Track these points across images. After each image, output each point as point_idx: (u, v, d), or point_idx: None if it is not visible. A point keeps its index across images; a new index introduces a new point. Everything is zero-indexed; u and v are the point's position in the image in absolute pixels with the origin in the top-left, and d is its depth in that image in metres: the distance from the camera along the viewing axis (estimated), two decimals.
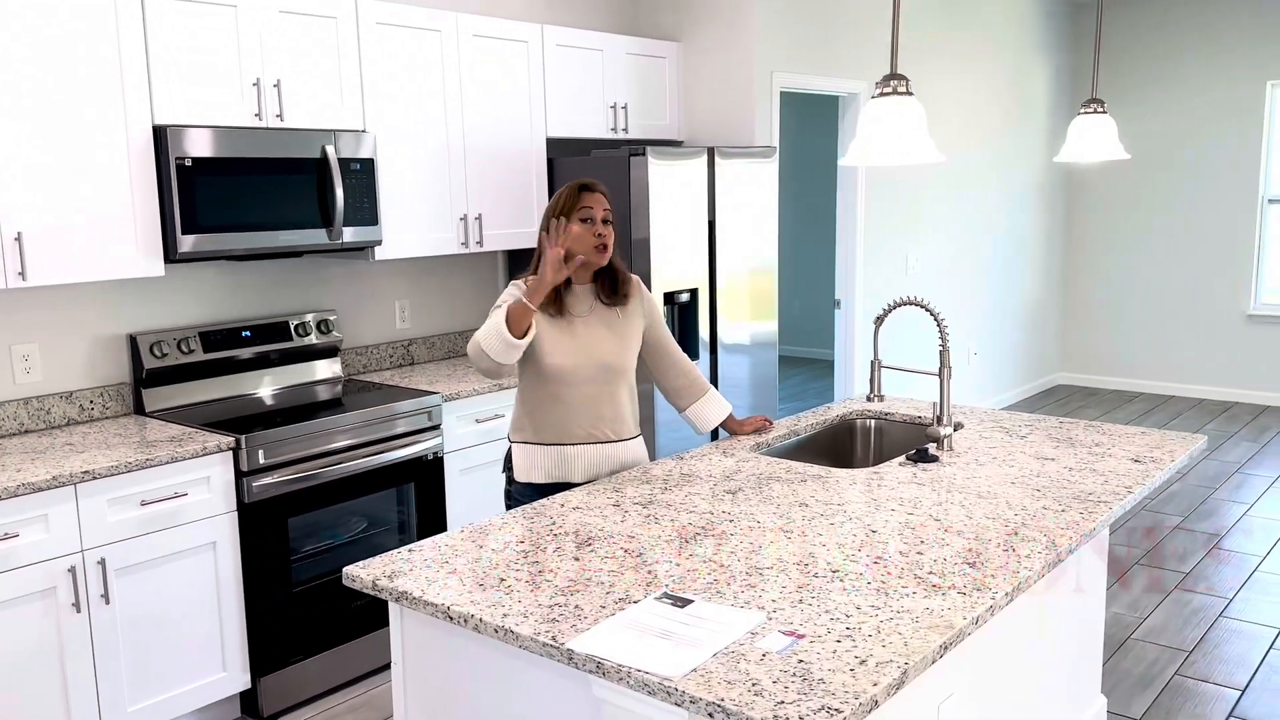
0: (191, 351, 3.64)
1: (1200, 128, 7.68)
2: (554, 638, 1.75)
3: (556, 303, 2.69)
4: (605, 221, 2.70)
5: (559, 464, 2.74)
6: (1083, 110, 3.60)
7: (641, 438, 2.90)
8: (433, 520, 3.78)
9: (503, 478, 2.89)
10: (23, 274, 2.99)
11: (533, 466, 2.76)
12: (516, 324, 2.52)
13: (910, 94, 2.36)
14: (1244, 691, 3.50)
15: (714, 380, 4.62)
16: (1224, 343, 7.81)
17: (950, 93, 6.60)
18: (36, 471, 2.85)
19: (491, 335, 2.52)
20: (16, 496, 2.74)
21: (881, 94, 2.36)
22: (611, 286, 2.77)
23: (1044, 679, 2.71)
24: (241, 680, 3.31)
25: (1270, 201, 7.58)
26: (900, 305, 2.91)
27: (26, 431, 3.34)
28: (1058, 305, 8.43)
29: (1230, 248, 7.69)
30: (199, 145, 3.27)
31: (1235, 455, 6.39)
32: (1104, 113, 3.57)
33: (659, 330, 2.89)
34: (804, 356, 10.02)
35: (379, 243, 3.82)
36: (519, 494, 2.79)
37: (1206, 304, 7.84)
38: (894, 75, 2.33)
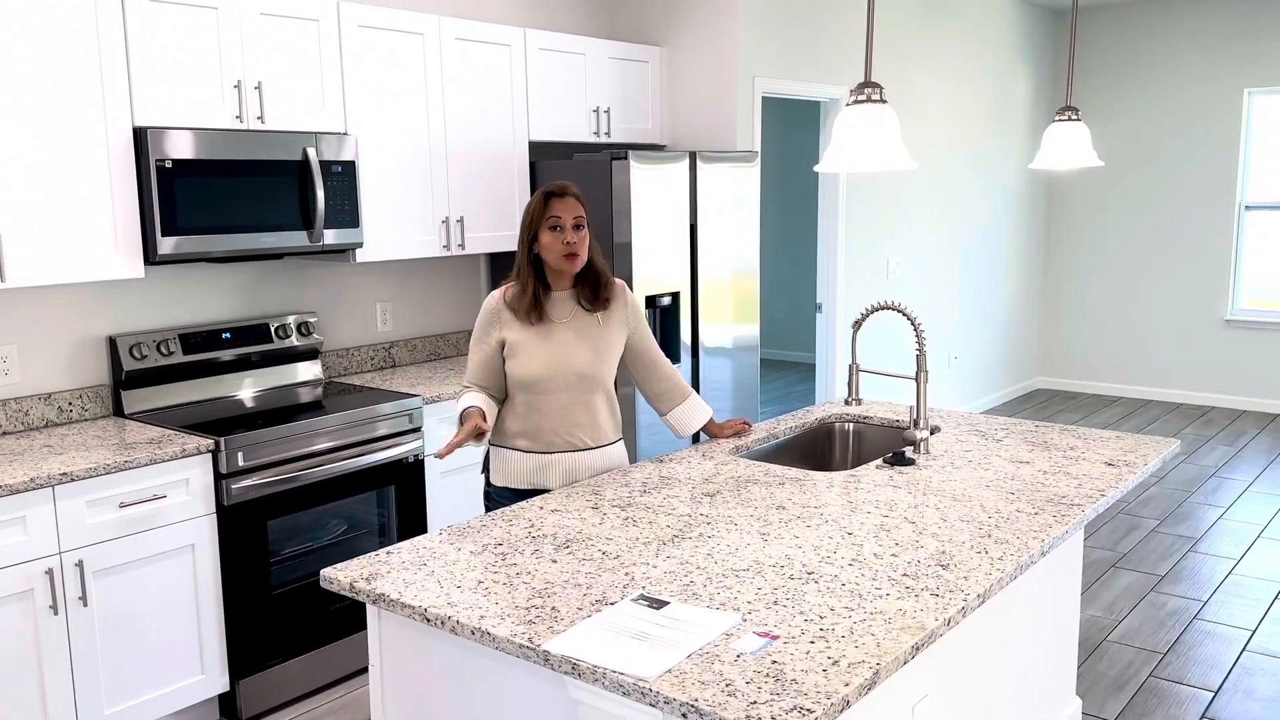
0: (171, 353, 3.63)
1: (1178, 134, 7.76)
2: (530, 639, 1.76)
3: (537, 309, 2.69)
4: (577, 227, 2.66)
5: (537, 471, 2.75)
6: (1057, 118, 3.63)
7: (622, 442, 2.90)
8: (413, 523, 3.78)
9: (482, 479, 2.91)
10: (1, 276, 2.98)
11: (511, 472, 2.77)
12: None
13: (884, 101, 2.38)
14: (1217, 693, 3.54)
15: (695, 383, 4.64)
16: (1202, 348, 7.89)
17: (932, 98, 6.65)
18: (14, 473, 2.84)
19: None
20: None
21: (856, 101, 2.39)
22: (593, 291, 2.75)
23: (1019, 680, 2.73)
24: (220, 683, 3.30)
25: (1247, 208, 7.66)
26: (878, 309, 2.94)
27: (4, 433, 3.32)
28: (1038, 310, 8.49)
29: (1208, 253, 7.76)
30: (180, 147, 3.27)
31: (1212, 459, 6.45)
32: (1078, 120, 3.61)
33: (642, 336, 2.89)
34: (788, 360, 10.06)
35: (360, 245, 3.82)
36: (498, 496, 2.80)
37: (1185, 309, 7.91)
38: (868, 83, 2.36)
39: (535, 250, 2.69)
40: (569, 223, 2.65)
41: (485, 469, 2.85)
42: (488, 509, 2.84)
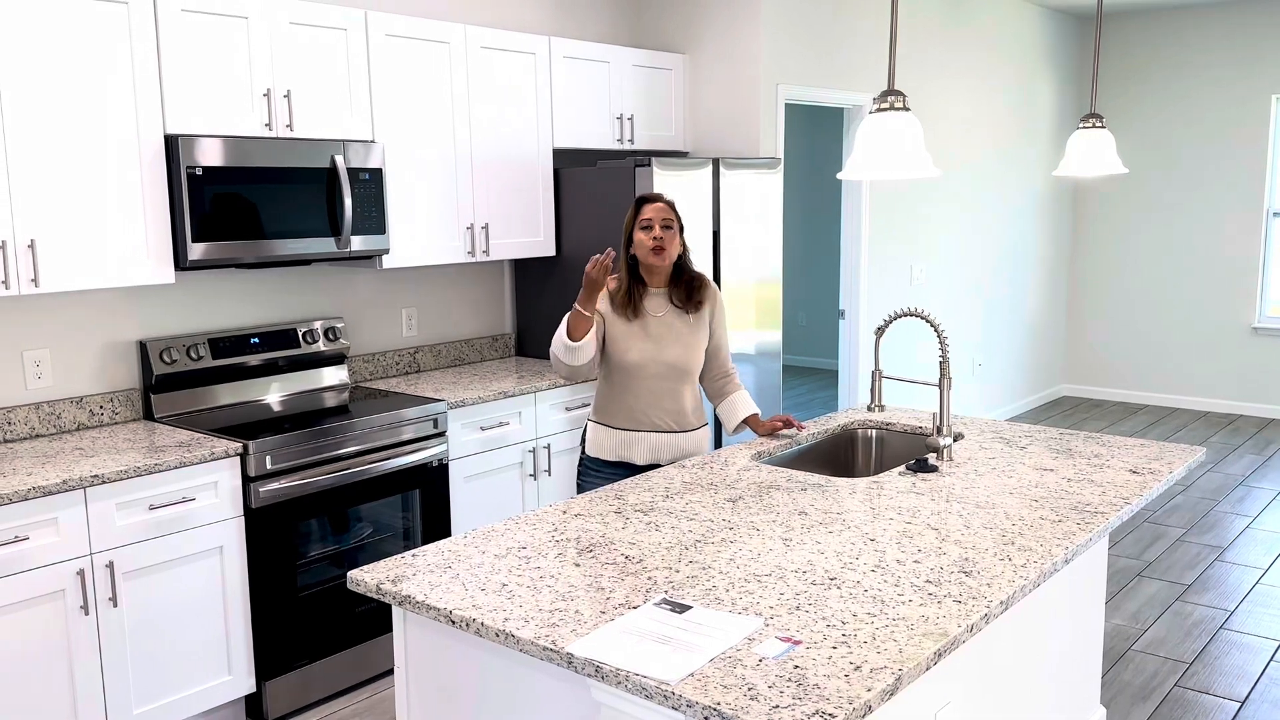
0: (200, 358, 3.68)
1: (1206, 141, 7.70)
2: (554, 642, 1.78)
3: (633, 305, 3.00)
4: (666, 227, 2.97)
5: (624, 446, 3.07)
6: (1081, 125, 3.62)
7: (706, 428, 3.16)
8: (437, 526, 3.81)
9: (574, 454, 3.24)
10: (35, 280, 3.04)
11: (602, 445, 3.10)
12: (574, 330, 2.89)
13: (907, 109, 2.39)
14: (1244, 703, 3.51)
15: None
16: (1229, 356, 7.82)
17: (956, 105, 6.64)
18: (47, 475, 2.89)
19: (556, 340, 2.94)
20: (27, 500, 2.78)
21: (879, 109, 2.40)
22: (686, 293, 3.05)
23: (1043, 689, 2.72)
24: (247, 684, 3.34)
25: (1275, 215, 7.59)
26: (900, 316, 2.94)
27: (37, 436, 3.38)
28: (1063, 316, 8.44)
29: (1235, 261, 7.70)
30: (210, 154, 3.32)
31: (1239, 468, 6.39)
32: (1102, 127, 3.59)
33: (718, 332, 3.15)
34: (811, 366, 10.04)
35: (386, 251, 3.86)
36: (591, 465, 3.14)
37: (1211, 317, 7.85)
38: (891, 91, 2.37)
39: (631, 251, 3.02)
40: (658, 221, 2.97)
41: (582, 440, 3.15)
42: (580, 474, 3.19)
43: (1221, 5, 7.53)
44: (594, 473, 3.12)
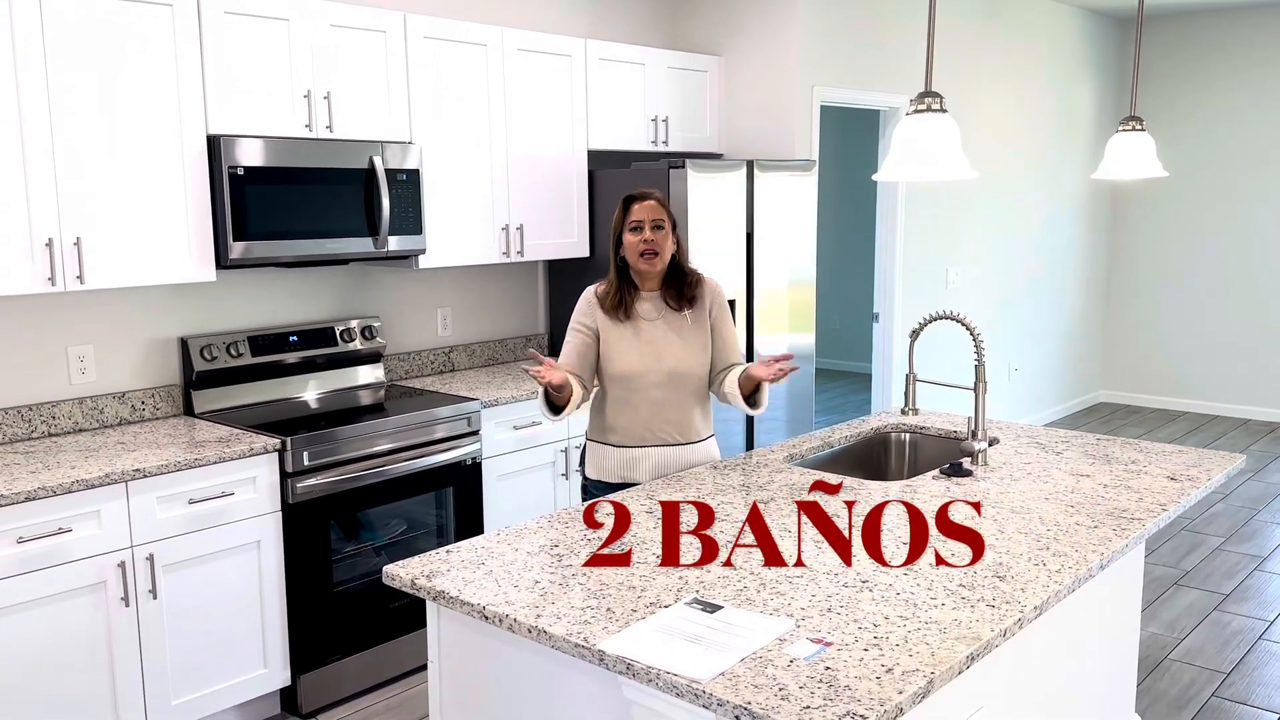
0: (240, 355, 3.73)
1: (1247, 145, 7.59)
2: (585, 639, 1.79)
3: (623, 308, 2.83)
4: (657, 227, 2.79)
5: (628, 465, 2.89)
6: (1120, 128, 3.58)
7: (714, 439, 3.00)
8: (470, 524, 3.84)
9: (578, 472, 3.01)
10: (80, 278, 3.10)
11: (604, 466, 2.92)
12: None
13: (944, 111, 2.38)
14: None
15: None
16: (1271, 361, 7.69)
17: (994, 107, 6.58)
18: (89, 469, 2.95)
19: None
20: (70, 493, 2.84)
21: (916, 111, 2.39)
22: (678, 291, 2.87)
23: (1077, 696, 2.70)
24: (282, 677, 3.38)
25: None
26: (935, 319, 2.93)
27: (81, 430, 3.44)
28: (1101, 322, 8.35)
29: (1277, 265, 7.57)
30: (251, 155, 3.37)
31: None
32: (1142, 130, 3.55)
33: (723, 331, 2.94)
34: (845, 370, 10.00)
35: (423, 251, 3.90)
36: (594, 489, 2.94)
37: (1253, 322, 7.72)
38: (928, 92, 2.36)
39: (621, 253, 2.85)
40: (648, 223, 2.78)
41: (581, 462, 2.99)
42: (585, 499, 2.97)
43: (1265, 6, 7.42)
44: (597, 497, 2.78)
